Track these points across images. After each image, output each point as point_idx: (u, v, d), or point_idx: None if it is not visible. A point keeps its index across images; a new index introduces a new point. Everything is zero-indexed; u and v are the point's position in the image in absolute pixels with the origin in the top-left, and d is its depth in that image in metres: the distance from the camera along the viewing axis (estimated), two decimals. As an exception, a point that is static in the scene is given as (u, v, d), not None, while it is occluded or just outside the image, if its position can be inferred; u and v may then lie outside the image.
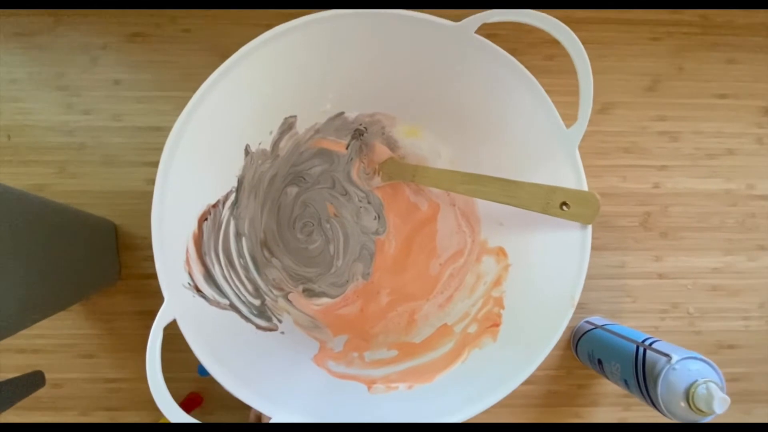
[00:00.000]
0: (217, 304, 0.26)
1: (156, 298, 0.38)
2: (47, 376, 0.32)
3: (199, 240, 0.26)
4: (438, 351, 0.30)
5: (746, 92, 0.40)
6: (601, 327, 0.36)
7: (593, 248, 0.40)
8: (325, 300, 0.35)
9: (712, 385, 0.26)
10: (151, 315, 0.38)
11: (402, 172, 0.34)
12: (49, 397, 0.37)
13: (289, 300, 0.34)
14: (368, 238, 0.36)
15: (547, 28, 0.24)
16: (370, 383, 0.28)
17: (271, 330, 0.30)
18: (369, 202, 0.36)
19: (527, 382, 0.41)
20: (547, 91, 0.28)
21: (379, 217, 0.36)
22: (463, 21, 0.24)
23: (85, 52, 0.37)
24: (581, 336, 0.37)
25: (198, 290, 0.25)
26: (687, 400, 0.27)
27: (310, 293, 0.35)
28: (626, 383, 0.32)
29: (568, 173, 0.26)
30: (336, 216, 0.36)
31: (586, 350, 0.37)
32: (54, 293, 0.28)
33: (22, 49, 0.36)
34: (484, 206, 0.34)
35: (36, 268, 0.25)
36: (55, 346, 0.37)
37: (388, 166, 0.35)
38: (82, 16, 0.37)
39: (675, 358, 0.28)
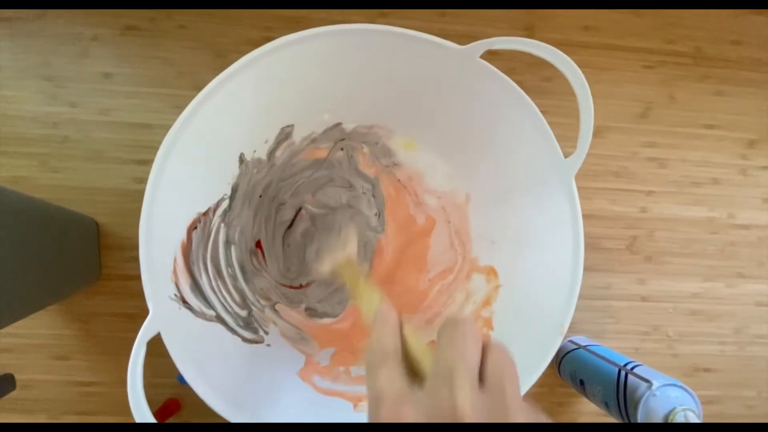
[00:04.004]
0: (203, 316, 0.26)
1: (136, 300, 0.37)
2: (18, 376, 0.31)
3: (187, 249, 0.25)
4: (425, 369, 0.30)
5: (733, 124, 0.41)
6: (585, 348, 0.37)
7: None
8: (326, 320, 0.34)
9: (690, 414, 0.27)
10: (131, 317, 0.37)
11: (351, 278, 0.28)
12: (19, 399, 0.36)
13: (276, 310, 0.33)
14: (372, 233, 0.35)
15: (551, 60, 0.24)
16: (356, 401, 0.28)
17: (257, 342, 0.29)
18: (373, 196, 0.35)
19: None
20: (544, 112, 0.28)
21: (379, 215, 0.35)
22: (469, 46, 0.24)
23: (74, 42, 0.35)
24: (564, 355, 0.38)
25: (184, 302, 0.24)
26: (665, 426, 0.28)
27: (312, 313, 0.34)
28: (607, 405, 0.33)
29: (563, 201, 0.26)
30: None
31: (568, 370, 0.37)
32: (30, 293, 0.27)
33: (7, 35, 0.35)
34: (476, 225, 0.34)
35: (11, 266, 0.24)
36: (28, 346, 0.36)
37: (344, 268, 0.29)
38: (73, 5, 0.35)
39: (655, 384, 0.29)
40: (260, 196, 0.32)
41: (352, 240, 0.31)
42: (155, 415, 0.34)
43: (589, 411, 0.40)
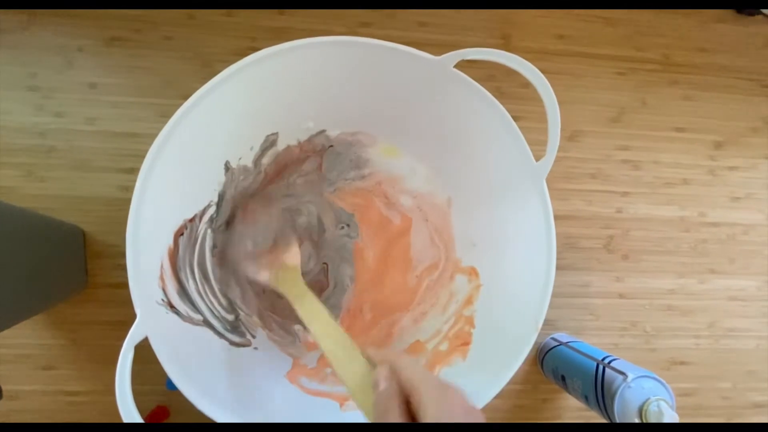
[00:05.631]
0: (191, 321, 0.26)
1: (124, 308, 0.37)
2: (3, 387, 0.31)
3: (174, 255, 0.26)
4: (410, 368, 0.31)
5: (701, 127, 0.43)
6: (565, 344, 0.38)
7: (560, 268, 0.42)
8: None
9: (663, 404, 0.28)
10: (118, 325, 0.37)
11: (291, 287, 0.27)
12: (4, 410, 0.35)
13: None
14: (347, 239, 0.35)
15: (520, 70, 0.26)
16: (342, 401, 0.28)
17: (244, 346, 0.30)
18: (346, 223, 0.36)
19: (494, 396, 0.42)
20: (521, 118, 0.29)
21: (349, 224, 0.36)
22: (444, 56, 0.25)
23: (59, 53, 0.36)
24: (547, 352, 0.39)
25: (171, 306, 0.25)
26: (640, 416, 0.29)
27: None
28: (586, 399, 0.34)
29: (536, 203, 0.27)
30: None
31: (550, 366, 0.38)
32: (15, 302, 0.27)
33: (-8, 47, 0.35)
34: (458, 226, 0.35)
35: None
36: (14, 356, 0.35)
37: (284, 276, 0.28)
38: (58, 16, 0.36)
39: (630, 376, 0.30)
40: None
41: (292, 247, 0.28)
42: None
43: (571, 406, 0.41)
